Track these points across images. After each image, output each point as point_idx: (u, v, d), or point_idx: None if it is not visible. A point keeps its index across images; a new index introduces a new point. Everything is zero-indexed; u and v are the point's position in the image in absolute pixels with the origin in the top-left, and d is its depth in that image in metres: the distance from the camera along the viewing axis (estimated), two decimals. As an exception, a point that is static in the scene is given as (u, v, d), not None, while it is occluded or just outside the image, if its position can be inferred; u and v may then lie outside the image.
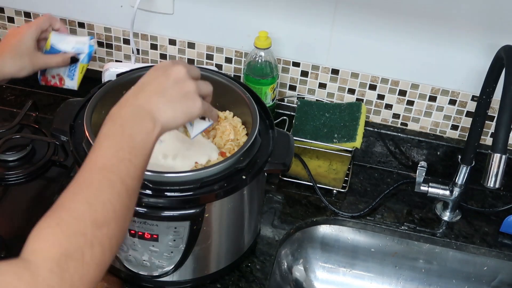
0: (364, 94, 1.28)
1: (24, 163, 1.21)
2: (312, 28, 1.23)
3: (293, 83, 1.31)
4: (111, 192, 0.66)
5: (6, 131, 1.25)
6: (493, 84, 1.06)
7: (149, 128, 0.73)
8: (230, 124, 1.05)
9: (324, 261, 1.23)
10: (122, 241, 0.68)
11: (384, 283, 1.24)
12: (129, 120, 0.73)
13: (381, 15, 1.17)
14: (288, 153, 0.98)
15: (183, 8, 1.27)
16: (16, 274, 0.57)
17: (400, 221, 1.21)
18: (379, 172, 1.32)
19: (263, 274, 1.07)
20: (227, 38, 1.29)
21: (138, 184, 0.71)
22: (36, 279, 0.58)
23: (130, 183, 0.69)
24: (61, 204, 0.64)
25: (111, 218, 0.65)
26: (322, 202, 1.20)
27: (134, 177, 0.69)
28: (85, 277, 0.61)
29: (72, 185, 0.66)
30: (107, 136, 0.72)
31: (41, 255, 0.59)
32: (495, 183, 0.95)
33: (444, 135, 1.29)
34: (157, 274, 0.99)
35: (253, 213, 1.04)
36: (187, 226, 0.92)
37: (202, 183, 0.88)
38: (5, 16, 1.38)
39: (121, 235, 0.67)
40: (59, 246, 0.60)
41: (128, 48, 1.35)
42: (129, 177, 0.69)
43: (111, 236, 0.64)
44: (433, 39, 1.18)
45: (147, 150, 0.73)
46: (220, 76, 1.06)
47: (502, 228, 1.19)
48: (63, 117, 1.00)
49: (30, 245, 0.61)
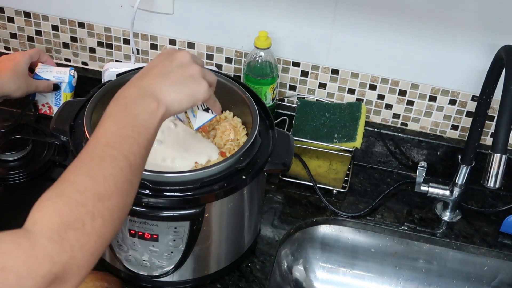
0: (364, 94, 1.28)
1: (24, 163, 1.21)
2: (312, 28, 1.23)
3: (293, 83, 1.31)
4: (114, 166, 0.66)
5: (6, 131, 1.25)
6: (493, 84, 1.06)
7: (153, 108, 0.73)
8: (230, 124, 1.05)
9: (324, 261, 1.23)
10: (124, 217, 0.68)
11: (384, 283, 1.24)
12: (132, 100, 0.73)
13: (381, 15, 1.17)
14: (288, 153, 0.98)
15: (183, 8, 1.27)
16: (15, 242, 0.58)
17: (400, 221, 1.21)
18: (379, 172, 1.32)
19: (263, 274, 1.07)
20: (227, 38, 1.29)
21: (142, 161, 0.71)
22: (35, 247, 0.58)
23: (133, 160, 0.69)
24: (63, 177, 0.65)
25: (112, 191, 0.65)
26: (322, 202, 1.20)
27: (137, 154, 0.69)
28: (86, 247, 0.61)
29: (75, 161, 0.67)
30: (110, 115, 0.72)
31: (41, 224, 0.60)
32: (495, 183, 0.95)
33: (444, 135, 1.29)
34: (157, 274, 0.99)
35: (253, 213, 1.04)
36: (187, 226, 0.92)
37: (202, 183, 0.88)
38: (5, 16, 1.38)
39: (124, 210, 0.67)
40: (59, 215, 0.61)
41: (128, 48, 1.35)
42: (132, 154, 0.69)
43: (112, 209, 0.65)
44: (433, 39, 1.18)
45: (151, 130, 0.73)
46: (220, 76, 1.06)
47: (502, 228, 1.19)
48: (63, 117, 1.00)
49: (31, 216, 0.61)
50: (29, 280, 0.56)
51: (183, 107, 0.78)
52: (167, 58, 0.80)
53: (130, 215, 0.90)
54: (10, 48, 1.44)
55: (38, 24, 1.37)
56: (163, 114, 0.75)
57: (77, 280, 0.61)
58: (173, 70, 0.78)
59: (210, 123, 1.07)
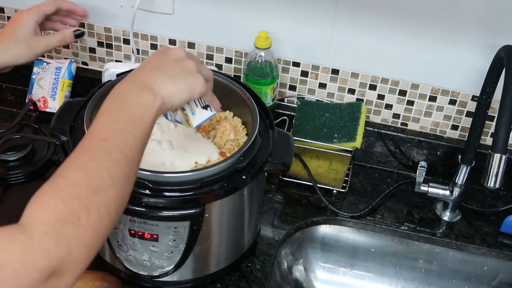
0: (364, 94, 1.28)
1: (24, 163, 1.21)
2: (312, 28, 1.23)
3: (293, 83, 1.31)
4: (108, 159, 0.66)
5: (6, 131, 1.25)
6: (493, 84, 1.06)
7: (149, 101, 0.73)
8: (230, 124, 1.05)
9: (324, 261, 1.23)
10: (121, 210, 0.68)
11: (384, 283, 1.24)
12: (127, 94, 0.73)
13: (381, 15, 1.17)
14: (288, 153, 0.98)
15: (183, 8, 1.27)
16: (11, 237, 0.58)
17: (400, 221, 1.21)
18: (379, 172, 1.32)
19: (263, 274, 1.07)
20: (227, 38, 1.29)
21: (138, 154, 0.70)
22: (31, 242, 0.58)
23: (129, 153, 0.68)
24: (58, 172, 0.65)
25: (108, 185, 0.65)
26: (322, 202, 1.20)
27: (133, 147, 0.69)
28: (82, 241, 0.61)
29: (70, 156, 0.67)
30: (106, 110, 0.72)
31: (36, 219, 0.60)
32: (495, 183, 0.95)
33: (444, 135, 1.29)
34: (157, 274, 0.99)
35: (253, 213, 1.04)
36: (187, 226, 0.92)
37: (202, 183, 0.88)
38: (5, 16, 1.38)
39: (120, 203, 0.67)
40: (54, 210, 0.60)
41: (128, 48, 1.35)
42: (127, 147, 0.68)
43: (108, 202, 0.64)
44: (433, 39, 1.18)
45: (147, 123, 0.72)
46: (220, 76, 1.06)
47: (502, 228, 1.19)
48: (63, 117, 1.00)
49: (26, 211, 0.61)
50: (25, 275, 0.56)
51: (181, 100, 0.78)
52: (162, 54, 0.81)
53: (130, 215, 0.90)
54: (10, 48, 1.44)
55: (38, 24, 1.37)
56: (159, 106, 0.74)
57: (75, 274, 0.61)
58: (169, 64, 0.79)
59: (210, 123, 1.07)
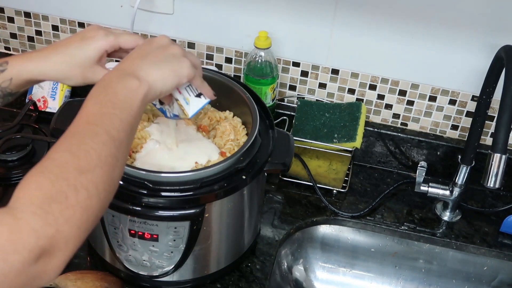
0: (364, 94, 1.28)
1: (24, 163, 1.21)
2: (312, 28, 1.23)
3: (293, 83, 1.31)
4: (95, 141, 0.66)
5: (6, 131, 1.25)
6: (493, 84, 1.06)
7: (134, 86, 0.74)
8: (230, 124, 1.04)
9: (324, 261, 1.23)
10: (111, 190, 0.68)
11: (384, 283, 1.24)
12: (112, 81, 0.74)
13: (381, 15, 1.17)
14: (288, 153, 0.98)
15: (183, 8, 1.27)
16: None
17: (400, 221, 1.21)
18: (379, 172, 1.32)
19: (263, 274, 1.07)
20: (227, 38, 1.29)
21: (126, 136, 0.71)
22: (19, 222, 0.57)
23: (116, 135, 0.69)
24: (46, 156, 0.65)
25: (96, 164, 0.65)
26: (322, 202, 1.20)
27: (120, 129, 0.69)
28: (71, 220, 0.61)
29: (58, 141, 0.67)
30: (91, 96, 0.72)
31: (24, 201, 0.59)
32: (495, 183, 0.95)
33: (444, 135, 1.29)
34: (157, 274, 0.99)
35: (253, 213, 1.04)
36: (187, 226, 0.91)
37: (202, 183, 0.88)
38: (5, 16, 1.38)
39: (110, 182, 0.67)
40: (41, 190, 0.60)
41: (128, 48, 1.35)
42: (114, 129, 0.69)
43: (97, 181, 0.64)
44: (433, 39, 1.18)
45: (134, 106, 0.73)
46: (220, 76, 1.06)
47: (502, 228, 1.19)
48: (63, 117, 1.00)
49: (14, 194, 0.61)
50: (15, 254, 0.56)
51: (169, 85, 0.79)
52: (146, 43, 0.82)
53: (130, 215, 0.90)
54: (10, 48, 1.44)
55: (38, 24, 1.37)
56: (146, 92, 0.75)
57: (65, 254, 0.61)
58: (153, 51, 0.80)
59: (210, 123, 1.07)
